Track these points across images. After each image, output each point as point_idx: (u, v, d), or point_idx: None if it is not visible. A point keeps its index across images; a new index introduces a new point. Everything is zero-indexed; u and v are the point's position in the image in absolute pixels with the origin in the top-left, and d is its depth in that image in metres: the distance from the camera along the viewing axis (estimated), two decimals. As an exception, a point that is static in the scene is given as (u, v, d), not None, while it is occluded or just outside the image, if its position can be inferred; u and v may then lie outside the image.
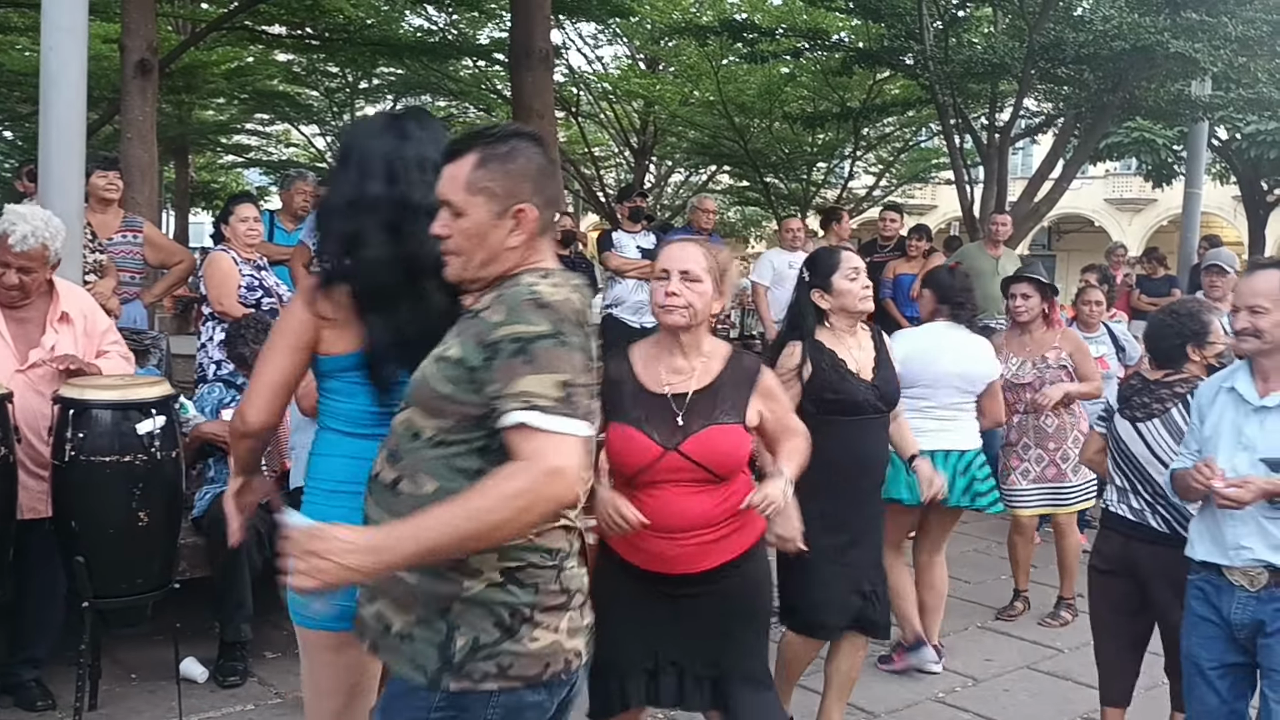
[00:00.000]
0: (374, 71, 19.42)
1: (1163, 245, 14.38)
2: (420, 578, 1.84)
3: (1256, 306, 2.88)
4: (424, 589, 1.84)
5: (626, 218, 8.25)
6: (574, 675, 1.94)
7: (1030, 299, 5.32)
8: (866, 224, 19.31)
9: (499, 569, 1.83)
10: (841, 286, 3.59)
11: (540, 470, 1.70)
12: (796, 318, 3.67)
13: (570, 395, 1.75)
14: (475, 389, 1.80)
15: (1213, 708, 2.98)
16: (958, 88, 11.27)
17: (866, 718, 4.15)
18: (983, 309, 8.40)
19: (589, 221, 26.00)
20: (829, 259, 3.70)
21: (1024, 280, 5.54)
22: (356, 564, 1.67)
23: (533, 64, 9.36)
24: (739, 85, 16.73)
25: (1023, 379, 5.26)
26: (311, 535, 1.69)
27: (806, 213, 18.12)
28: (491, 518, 1.70)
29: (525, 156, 1.93)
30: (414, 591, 1.85)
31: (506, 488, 1.71)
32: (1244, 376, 2.97)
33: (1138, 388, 3.67)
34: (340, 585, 1.71)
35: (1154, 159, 14.35)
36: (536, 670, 1.85)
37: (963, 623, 5.33)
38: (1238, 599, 2.90)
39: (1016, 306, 5.37)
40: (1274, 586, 2.85)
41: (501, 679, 1.82)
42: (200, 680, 4.06)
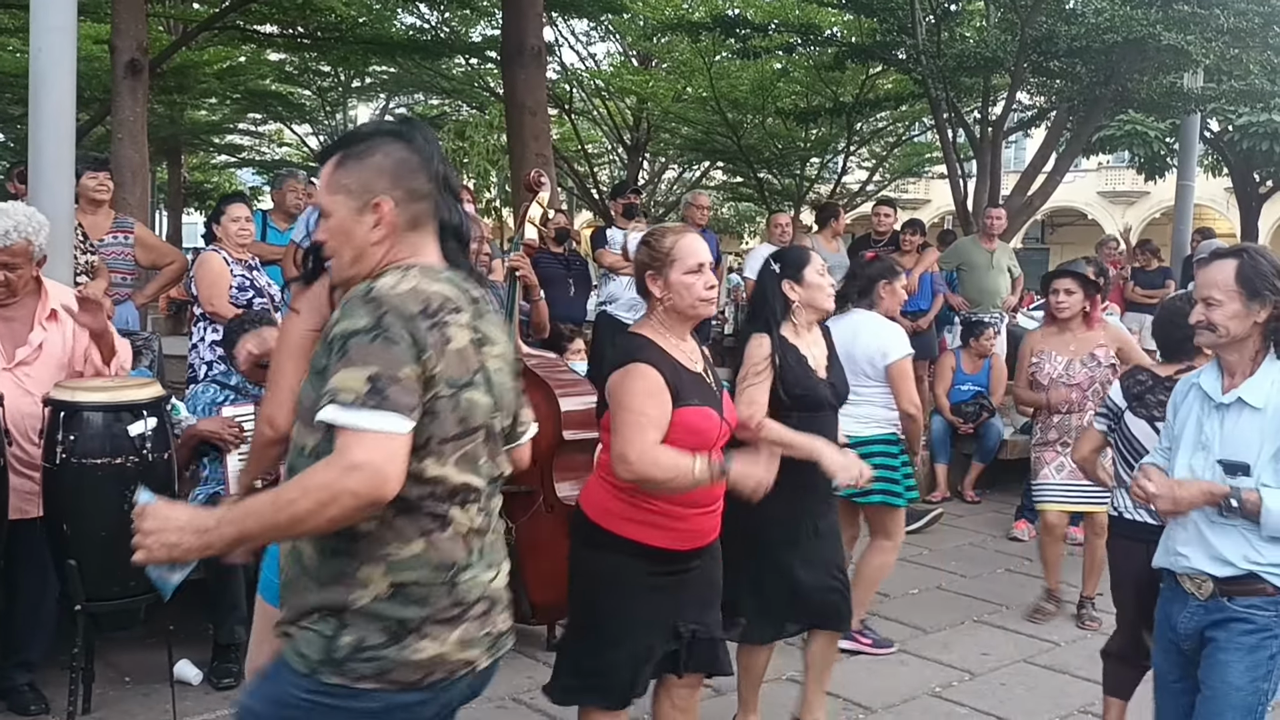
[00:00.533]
0: (366, 70, 19.42)
1: (1156, 237, 14.39)
2: (318, 587, 1.86)
3: (1210, 299, 2.73)
4: (320, 595, 1.85)
5: (620, 214, 8.24)
6: (461, 679, 1.91)
7: (1074, 295, 5.16)
8: (860, 219, 19.31)
9: (387, 583, 1.83)
10: (813, 280, 3.65)
11: (340, 465, 1.70)
12: (762, 307, 3.67)
13: (380, 389, 1.72)
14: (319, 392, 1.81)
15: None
16: (950, 82, 11.27)
17: (863, 712, 4.14)
18: (977, 303, 8.47)
19: (583, 219, 25.99)
20: (802, 253, 3.80)
21: (1067, 275, 5.34)
22: (179, 541, 1.76)
23: (525, 61, 9.36)
24: (732, 81, 16.73)
25: (1074, 379, 5.12)
26: (145, 514, 1.78)
27: (800, 208, 18.13)
28: (296, 510, 1.72)
29: (383, 152, 1.93)
30: (313, 595, 1.87)
31: (310, 481, 1.73)
32: (1211, 372, 2.84)
33: (1149, 385, 3.56)
34: (169, 560, 1.79)
35: (1146, 151, 14.38)
36: (416, 677, 1.84)
37: (959, 616, 5.32)
38: (1188, 607, 2.79)
39: (1059, 302, 5.19)
40: (1220, 597, 2.72)
41: (378, 681, 1.83)
42: (194, 683, 4.04)
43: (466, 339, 1.86)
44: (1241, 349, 2.73)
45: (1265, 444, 2.65)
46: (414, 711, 1.88)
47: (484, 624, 1.93)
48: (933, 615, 5.32)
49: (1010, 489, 7.72)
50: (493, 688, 4.13)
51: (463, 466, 1.87)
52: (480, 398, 1.88)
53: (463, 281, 1.95)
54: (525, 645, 4.61)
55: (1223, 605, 2.71)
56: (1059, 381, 5.10)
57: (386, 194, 1.91)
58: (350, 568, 1.83)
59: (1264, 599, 2.67)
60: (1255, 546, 2.66)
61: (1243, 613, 2.69)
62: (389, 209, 1.91)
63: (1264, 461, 2.65)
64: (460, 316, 1.86)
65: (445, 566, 1.86)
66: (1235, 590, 2.70)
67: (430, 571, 1.85)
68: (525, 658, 4.51)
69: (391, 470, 1.72)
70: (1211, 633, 2.75)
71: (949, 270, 8.75)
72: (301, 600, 1.87)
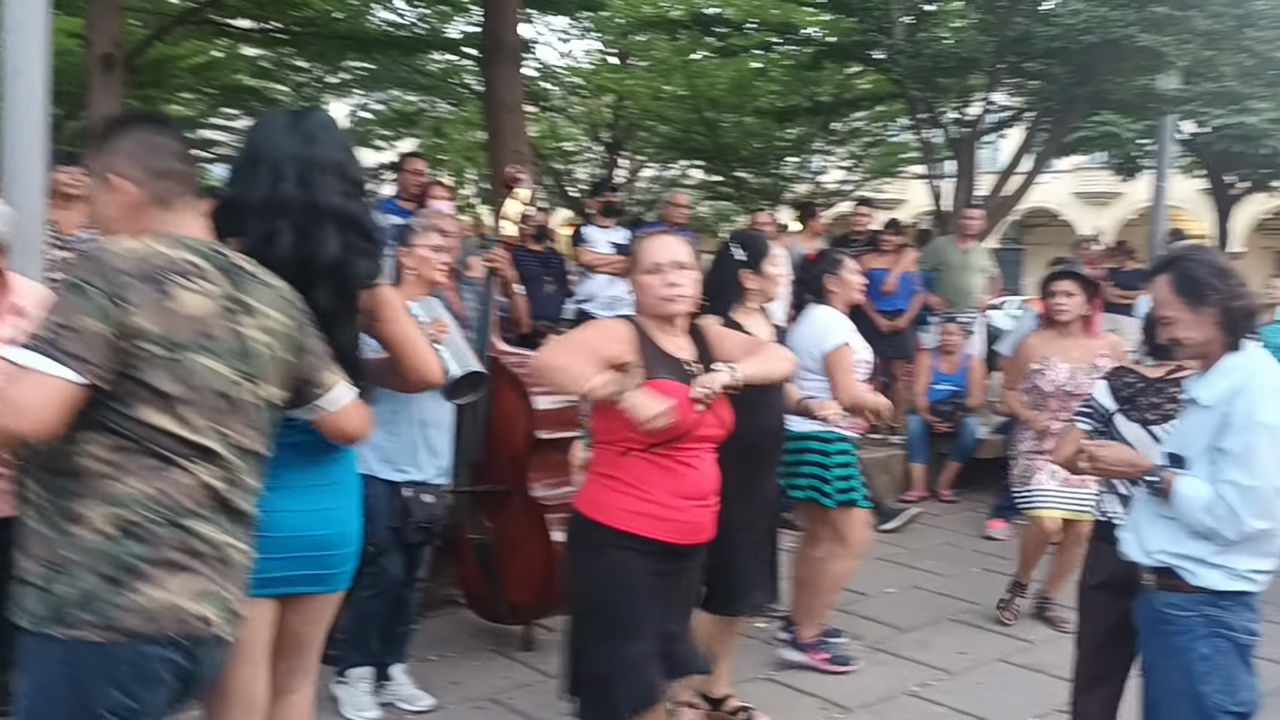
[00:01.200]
0: (343, 66, 19.27)
1: (1131, 238, 14.49)
2: (36, 521, 1.91)
3: (1163, 317, 2.75)
4: (38, 533, 1.91)
5: (598, 213, 8.22)
6: (205, 644, 1.97)
7: (1074, 297, 4.92)
8: (837, 219, 19.37)
9: (109, 520, 1.88)
10: (770, 272, 3.81)
11: (2, 398, 1.81)
12: (719, 292, 3.72)
13: (54, 336, 1.82)
14: None
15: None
16: (927, 82, 11.32)
17: (840, 712, 4.15)
18: (953, 303, 8.50)
19: (561, 217, 25.93)
20: (764, 244, 3.88)
21: (1068, 276, 5.07)
22: None
23: (503, 58, 9.33)
24: (710, 80, 16.73)
25: (1080, 388, 4.82)
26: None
27: (777, 207, 18.14)
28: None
29: (128, 134, 2.10)
30: (33, 534, 1.92)
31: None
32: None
33: (1140, 387, 3.46)
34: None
35: (1121, 153, 14.44)
36: (142, 626, 1.88)
37: (936, 615, 5.34)
38: (1140, 597, 2.81)
39: (1058, 304, 4.94)
40: (1160, 590, 2.72)
41: (104, 631, 1.86)
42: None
43: (203, 304, 1.96)
44: (1210, 349, 2.73)
45: (1205, 439, 2.66)
46: (171, 668, 1.92)
47: (220, 584, 1.98)
48: (910, 614, 5.34)
49: (986, 488, 7.75)
50: (471, 687, 4.16)
51: (192, 427, 1.94)
52: (212, 364, 1.96)
53: (219, 253, 2.05)
54: (502, 645, 4.60)
55: (1153, 600, 2.74)
56: (1062, 391, 4.91)
57: (122, 172, 2.06)
58: (76, 505, 1.89)
59: (1183, 597, 2.67)
60: (1177, 539, 2.67)
61: (1166, 612, 2.70)
62: (120, 185, 2.06)
63: (1198, 455, 2.66)
64: (198, 283, 1.96)
65: (171, 508, 1.92)
66: (1162, 584, 2.72)
67: (153, 510, 1.91)
68: (503, 658, 4.49)
69: (37, 411, 1.80)
70: (1147, 634, 2.78)
71: (926, 270, 8.78)
72: (28, 543, 1.93)
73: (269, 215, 2.32)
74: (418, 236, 3.81)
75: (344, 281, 2.36)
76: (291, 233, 2.31)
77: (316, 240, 2.31)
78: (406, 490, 3.81)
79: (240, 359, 2.00)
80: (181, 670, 1.96)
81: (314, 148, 2.35)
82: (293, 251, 2.30)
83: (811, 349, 4.31)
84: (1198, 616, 2.65)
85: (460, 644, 4.62)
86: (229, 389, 1.99)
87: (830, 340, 4.29)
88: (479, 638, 4.67)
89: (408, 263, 3.79)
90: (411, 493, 3.82)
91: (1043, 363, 5.00)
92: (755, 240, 3.91)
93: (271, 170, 2.33)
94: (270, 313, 2.08)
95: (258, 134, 2.46)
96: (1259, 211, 26.94)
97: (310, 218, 2.32)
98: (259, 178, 2.34)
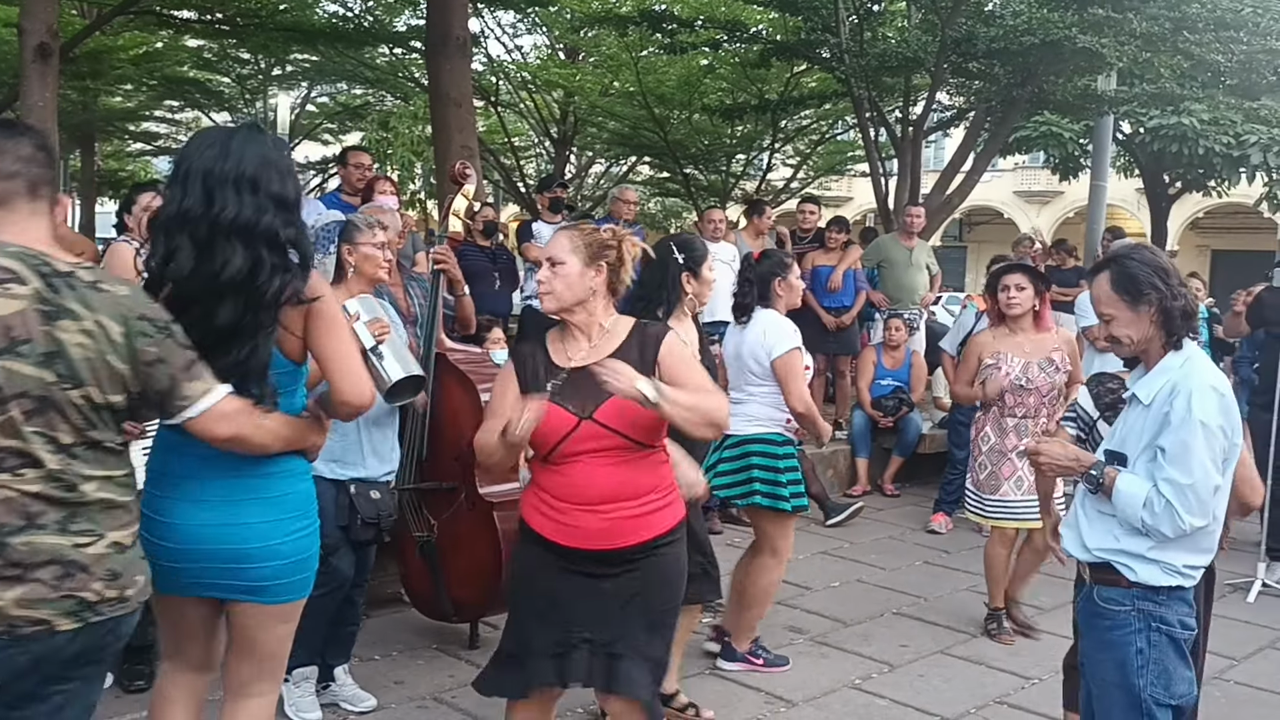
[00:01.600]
0: (287, 58, 19.03)
1: (1070, 237, 14.72)
2: None
3: (1103, 314, 2.77)
4: None
5: (546, 208, 8.21)
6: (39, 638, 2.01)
7: (1024, 291, 4.87)
8: (784, 215, 19.49)
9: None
10: (707, 276, 3.81)
11: None
12: (656, 295, 3.70)
13: None
14: None
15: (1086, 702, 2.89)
16: (872, 81, 11.41)
17: (784, 706, 4.18)
18: (896, 299, 8.60)
19: (509, 212, 25.80)
20: (702, 247, 3.87)
21: (1017, 270, 5.01)
22: None
23: (450, 52, 9.25)
24: (658, 76, 16.73)
25: (1034, 383, 4.87)
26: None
27: (726, 204, 18.21)
28: None
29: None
30: None
31: None
32: (1140, 367, 2.85)
33: (1120, 393, 3.36)
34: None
35: (1061, 152, 14.69)
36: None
37: (878, 609, 5.40)
38: (1081, 592, 2.84)
39: (1010, 299, 4.89)
40: (1096, 584, 2.75)
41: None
42: (104, 686, 3.93)
43: (14, 308, 1.97)
44: (1150, 346, 2.75)
45: (1144, 437, 2.69)
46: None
47: (59, 588, 2.02)
48: (852, 608, 5.40)
49: (929, 482, 7.87)
50: (414, 686, 4.14)
51: (11, 432, 1.97)
52: (21, 368, 1.97)
53: (40, 258, 2.05)
54: (447, 644, 4.58)
55: (1091, 596, 2.76)
56: (1017, 385, 4.89)
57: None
58: None
59: (1120, 591, 2.69)
60: (1115, 535, 2.69)
61: (1103, 607, 2.72)
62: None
63: (1139, 454, 2.68)
64: (11, 287, 1.98)
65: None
66: (1099, 579, 2.74)
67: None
68: (447, 656, 4.48)
69: None
70: (1085, 628, 2.80)
71: (870, 267, 8.87)
72: None
73: (172, 231, 2.33)
74: (361, 233, 3.77)
75: (252, 298, 2.32)
76: (191, 248, 2.30)
77: (218, 256, 2.29)
78: (352, 488, 3.79)
79: (45, 362, 2.00)
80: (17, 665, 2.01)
81: (226, 162, 2.32)
82: (192, 266, 2.30)
83: (759, 354, 4.29)
84: (1134, 611, 2.67)
85: (404, 643, 4.60)
86: (48, 391, 1.99)
87: (780, 346, 4.26)
88: (423, 636, 4.65)
89: (350, 260, 3.76)
90: (357, 490, 3.81)
91: (995, 358, 4.97)
92: (694, 244, 3.89)
93: (181, 186, 2.34)
94: (100, 320, 2.05)
95: (184, 148, 2.47)
96: (1193, 210, 27.56)
97: (212, 233, 2.30)
98: (172, 193, 2.36)
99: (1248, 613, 5.56)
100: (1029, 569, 5.13)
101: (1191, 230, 30.25)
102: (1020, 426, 4.94)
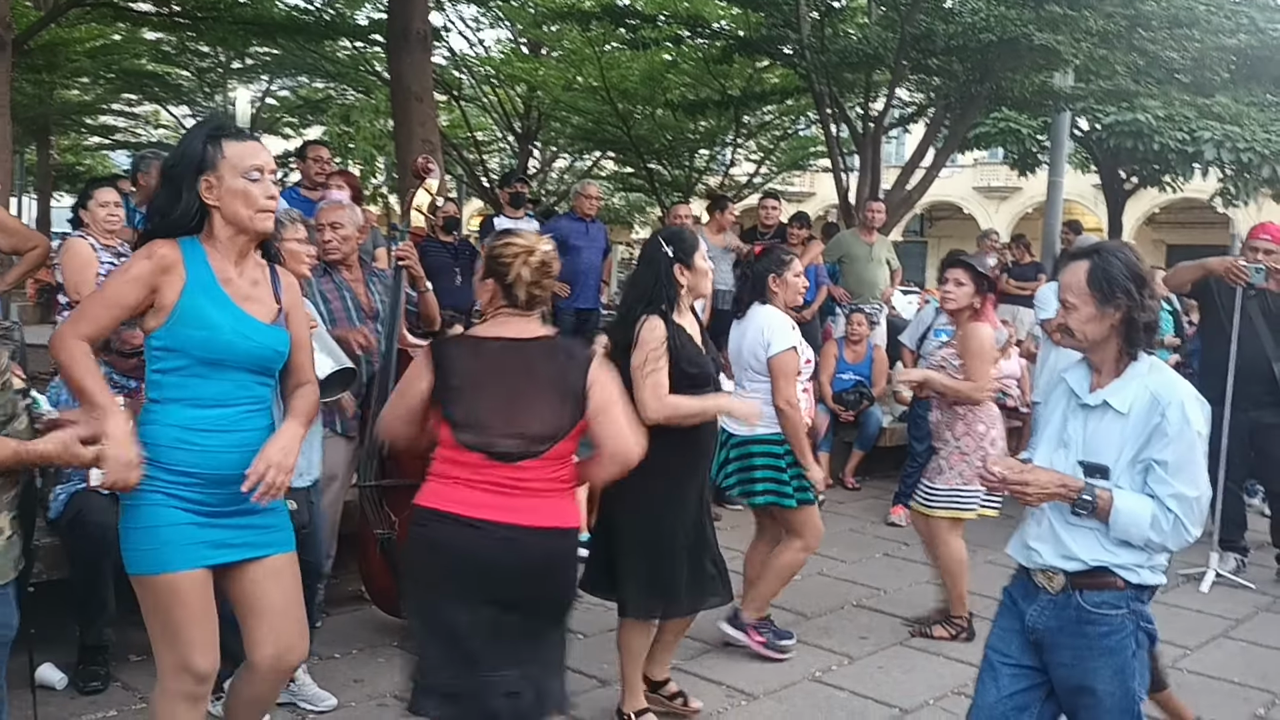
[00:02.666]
0: (247, 51, 18.86)
1: (1028, 232, 14.90)
2: None
3: (1066, 301, 2.67)
4: None
5: (508, 203, 8.20)
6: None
7: (963, 286, 4.81)
8: (747, 211, 19.56)
9: None
10: (701, 267, 3.77)
11: None
12: (654, 291, 3.69)
13: None
14: None
15: (989, 703, 2.75)
16: (834, 77, 11.48)
17: (745, 699, 4.21)
18: (857, 294, 8.66)
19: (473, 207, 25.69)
20: (692, 239, 3.84)
21: (959, 265, 4.97)
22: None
23: (411, 46, 9.22)
24: (622, 71, 16.74)
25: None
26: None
27: (689, 199, 18.25)
28: None
29: None
30: None
31: None
32: (1080, 370, 2.76)
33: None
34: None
35: (1019, 148, 14.83)
36: None
37: (838, 601, 5.45)
38: (1038, 601, 2.69)
39: (947, 292, 4.87)
40: (1071, 591, 2.63)
41: None
42: (59, 687, 3.89)
43: None
44: (1104, 350, 2.67)
45: (1126, 448, 2.60)
46: None
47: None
48: (813, 601, 5.44)
49: (889, 475, 7.93)
50: (375, 684, 4.13)
51: None
52: None
53: None
54: (408, 641, 4.56)
55: (1074, 601, 2.63)
56: (955, 377, 4.83)
57: None
58: None
59: (1114, 594, 2.60)
60: (1106, 546, 2.60)
61: (1095, 613, 2.61)
62: None
63: (1122, 466, 2.60)
64: None
65: None
66: (1085, 584, 2.62)
67: None
68: (409, 654, 4.45)
69: None
70: (1065, 637, 2.64)
71: (831, 263, 8.93)
72: None
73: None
74: (285, 229, 3.70)
75: None
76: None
77: None
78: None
79: None
80: None
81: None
82: None
83: (758, 352, 4.34)
84: (1128, 613, 2.61)
85: (364, 640, 4.58)
86: None
87: (777, 344, 4.32)
88: (383, 634, 4.63)
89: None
90: None
91: (940, 353, 5.02)
92: (683, 235, 3.86)
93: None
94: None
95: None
96: (1149, 206, 27.96)
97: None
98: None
99: (1200, 602, 5.66)
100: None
101: (1147, 225, 30.68)
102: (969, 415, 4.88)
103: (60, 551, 3.98)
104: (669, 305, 3.68)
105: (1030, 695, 2.72)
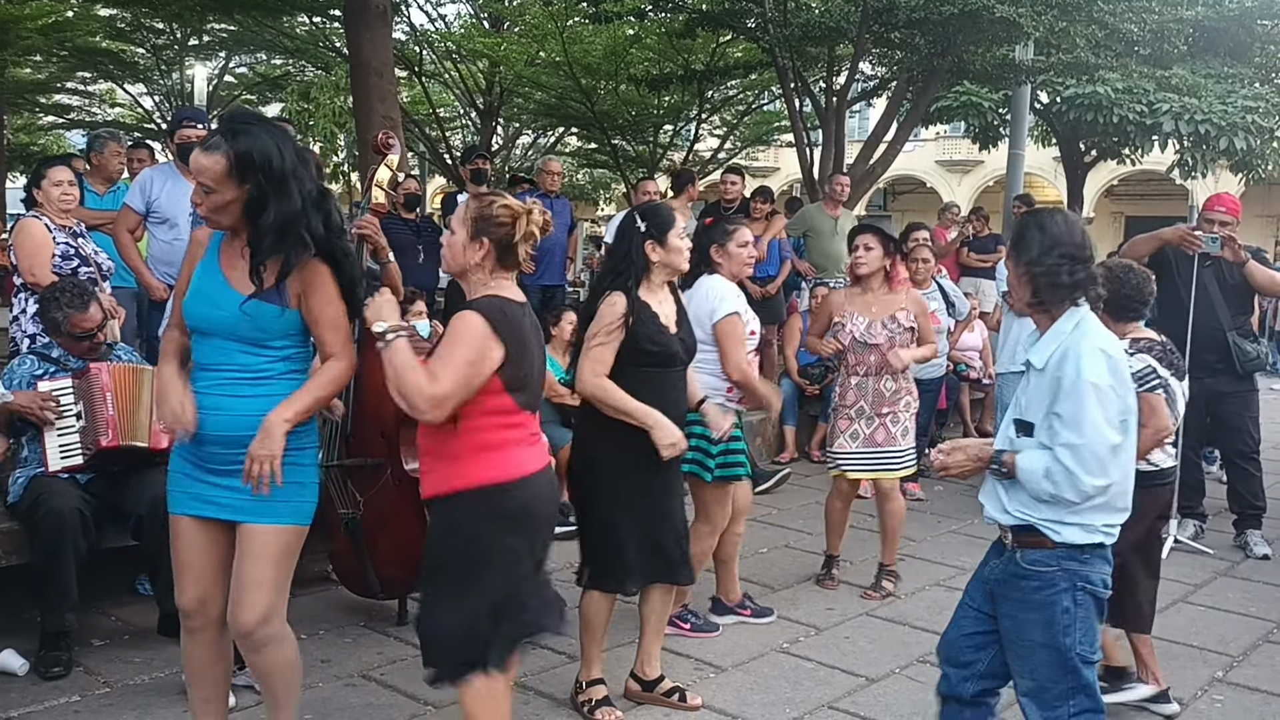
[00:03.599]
0: (204, 28, 18.54)
1: (989, 205, 14.98)
2: None
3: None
4: None
5: (470, 179, 8.13)
6: None
7: (872, 250, 5.10)
8: (712, 186, 19.53)
9: None
10: (675, 244, 3.73)
11: None
12: (623, 266, 3.69)
13: None
14: None
15: (951, 639, 2.99)
16: (797, 51, 11.46)
17: (714, 671, 4.24)
18: (822, 268, 8.68)
19: (436, 184, 25.50)
20: (668, 215, 3.80)
21: (868, 231, 5.25)
22: None
23: (370, 20, 9.10)
24: (585, 46, 16.61)
25: (875, 339, 5.07)
26: None
27: (654, 175, 18.20)
28: None
29: None
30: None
31: None
32: (1034, 336, 2.91)
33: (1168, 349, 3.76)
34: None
35: (981, 122, 14.89)
36: None
37: (805, 573, 5.49)
38: (1001, 555, 2.87)
39: (858, 257, 5.13)
40: (1017, 547, 2.79)
41: None
42: (20, 673, 3.85)
43: None
44: (1029, 307, 2.84)
45: (1043, 404, 2.74)
46: None
47: None
48: (780, 573, 5.48)
49: (855, 449, 7.97)
50: (342, 664, 4.11)
51: None
52: None
53: None
54: (375, 621, 4.56)
55: (1015, 559, 2.79)
56: (860, 342, 5.08)
57: None
58: None
59: (1045, 553, 2.74)
60: (1026, 503, 2.76)
61: (1028, 569, 2.76)
62: None
63: (1041, 421, 2.74)
64: None
65: None
66: (1023, 541, 2.78)
67: None
68: (375, 634, 4.45)
69: None
70: (1007, 590, 2.81)
71: (796, 237, 8.94)
72: None
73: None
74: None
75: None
76: None
77: None
78: None
79: None
80: None
81: None
82: None
83: (703, 319, 4.32)
84: (1059, 571, 2.72)
85: (331, 621, 4.56)
86: None
87: (721, 309, 4.33)
88: (350, 614, 4.62)
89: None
90: None
91: (844, 316, 5.18)
92: (659, 211, 3.82)
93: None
94: None
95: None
96: (1108, 178, 28.20)
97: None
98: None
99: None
100: (892, 531, 5.24)
101: (1106, 198, 30.95)
102: (861, 385, 5.12)
103: (20, 536, 3.93)
104: (635, 281, 3.66)
105: (988, 638, 2.90)
